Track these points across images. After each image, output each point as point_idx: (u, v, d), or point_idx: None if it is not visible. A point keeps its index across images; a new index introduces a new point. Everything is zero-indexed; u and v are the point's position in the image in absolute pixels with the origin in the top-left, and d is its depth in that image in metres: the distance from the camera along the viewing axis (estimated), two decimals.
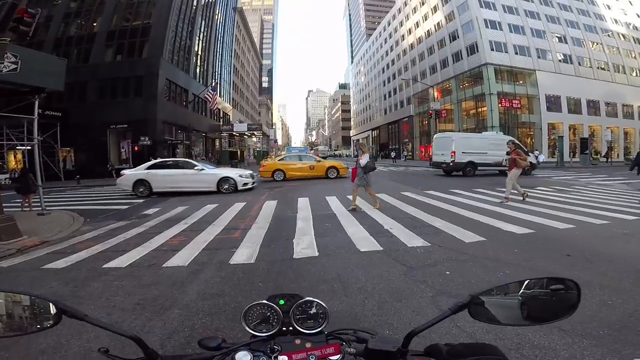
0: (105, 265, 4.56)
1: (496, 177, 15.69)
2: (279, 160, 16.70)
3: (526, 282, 0.78)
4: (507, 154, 9.65)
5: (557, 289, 0.76)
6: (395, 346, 0.74)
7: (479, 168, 17.35)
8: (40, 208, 9.09)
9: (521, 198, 9.09)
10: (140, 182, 12.38)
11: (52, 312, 0.72)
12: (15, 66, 6.20)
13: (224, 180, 12.56)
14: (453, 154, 17.06)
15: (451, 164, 17.27)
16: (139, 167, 13.52)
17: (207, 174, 12.66)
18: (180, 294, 3.53)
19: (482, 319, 0.76)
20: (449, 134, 21.58)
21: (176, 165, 13.45)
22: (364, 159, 8.19)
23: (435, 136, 20.48)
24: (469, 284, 3.60)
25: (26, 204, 10.05)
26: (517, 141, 10.57)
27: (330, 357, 0.77)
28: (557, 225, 6.30)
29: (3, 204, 6.81)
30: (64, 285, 3.88)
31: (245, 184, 12.79)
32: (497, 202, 8.87)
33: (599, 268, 4.01)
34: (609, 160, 30.53)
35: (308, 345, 0.80)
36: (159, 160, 14.57)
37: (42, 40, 25.48)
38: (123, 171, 13.77)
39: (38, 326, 0.73)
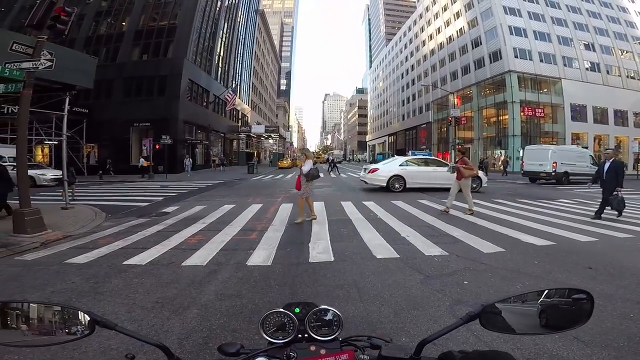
0: (125, 262, 4.66)
1: (528, 188, 15.27)
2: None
3: (534, 293, 0.81)
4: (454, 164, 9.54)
5: (575, 298, 0.79)
6: (407, 354, 0.76)
7: (570, 177, 18.65)
8: (64, 202, 9.43)
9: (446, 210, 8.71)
10: (396, 178, 13.34)
11: (85, 322, 0.77)
12: (51, 63, 6.43)
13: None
14: (555, 164, 18.45)
15: (552, 173, 18.67)
16: (383, 163, 15.27)
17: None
18: (199, 294, 3.58)
19: (494, 329, 0.79)
20: (545, 146, 23.57)
21: (426, 164, 14.64)
22: (307, 166, 7.54)
23: (526, 147, 22.34)
24: (487, 294, 3.55)
25: (69, 194, 10.95)
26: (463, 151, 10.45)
27: None
28: (578, 237, 6.13)
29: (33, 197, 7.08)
30: (85, 281, 3.96)
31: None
32: (514, 212, 8.61)
33: (621, 281, 3.91)
34: (638, 172, 29.30)
35: (322, 352, 0.82)
36: (408, 158, 15.55)
37: (74, 38, 26.46)
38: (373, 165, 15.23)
39: (72, 336, 0.77)
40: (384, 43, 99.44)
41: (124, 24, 29.61)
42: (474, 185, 12.81)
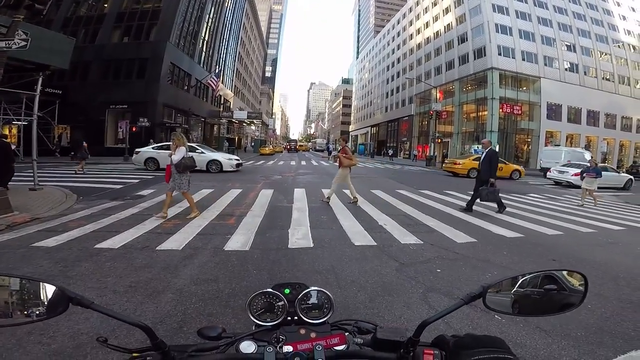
0: (97, 246, 4.51)
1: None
2: (473, 159, 18.56)
3: (533, 274, 0.80)
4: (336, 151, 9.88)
5: (571, 281, 0.80)
6: (403, 336, 0.74)
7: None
8: (32, 183, 9.01)
9: (327, 200, 8.40)
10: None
11: (58, 298, 0.68)
12: (25, 43, 6.14)
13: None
14: (568, 162, 21.11)
15: None
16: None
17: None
18: (174, 278, 3.53)
19: (496, 309, 0.77)
20: (559, 148, 27.11)
21: (607, 169, 16.73)
22: (178, 155, 6.28)
23: (544, 148, 26.91)
24: (458, 282, 3.68)
25: (80, 169, 13.36)
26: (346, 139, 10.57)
27: (336, 347, 0.76)
28: (545, 231, 6.44)
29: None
30: (53, 265, 3.80)
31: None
32: (496, 209, 8.86)
33: None
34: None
35: (313, 335, 0.80)
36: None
37: (51, 19, 25.27)
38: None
39: (44, 314, 0.68)
40: (373, 34, 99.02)
41: (105, 5, 28.46)
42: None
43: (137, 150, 16.35)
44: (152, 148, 16.11)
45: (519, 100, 37.58)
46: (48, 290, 0.69)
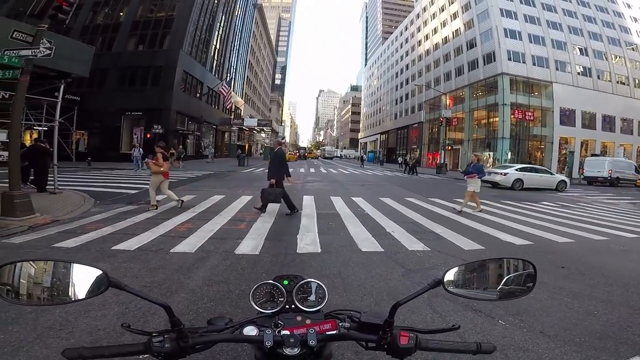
0: (113, 247, 4.71)
1: (517, 192, 15.63)
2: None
3: (494, 262, 0.90)
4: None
5: (521, 268, 0.88)
6: (382, 319, 0.85)
7: (620, 181, 24.42)
8: (53, 187, 9.36)
9: (154, 207, 7.72)
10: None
11: (100, 280, 0.78)
12: (50, 52, 6.46)
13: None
14: (611, 171, 24.06)
15: (608, 177, 24.16)
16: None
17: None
18: (186, 279, 3.67)
19: (456, 294, 0.88)
20: (601, 158, 28.32)
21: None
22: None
23: (587, 159, 28.14)
24: None
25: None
26: (163, 144, 8.68)
27: (328, 332, 0.86)
28: (556, 238, 6.38)
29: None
30: None
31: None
32: (498, 213, 8.85)
33: (591, 280, 4.12)
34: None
35: (308, 321, 0.89)
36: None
37: (70, 27, 26.10)
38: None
39: (88, 294, 0.78)
40: (380, 41, 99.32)
41: (121, 14, 29.38)
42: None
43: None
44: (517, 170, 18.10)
45: (530, 106, 37.03)
46: (92, 274, 0.79)
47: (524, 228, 7.19)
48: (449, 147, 37.13)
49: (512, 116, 35.90)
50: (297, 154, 58.23)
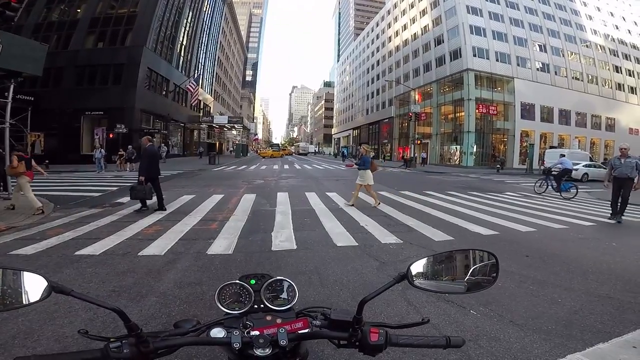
0: (77, 253, 4.47)
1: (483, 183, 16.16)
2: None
3: (460, 252, 0.90)
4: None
5: (485, 259, 0.89)
6: (351, 316, 0.83)
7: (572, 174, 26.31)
8: (6, 192, 8.74)
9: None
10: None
11: (41, 286, 0.72)
12: None
13: None
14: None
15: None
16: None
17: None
18: (157, 282, 3.54)
19: (421, 287, 0.86)
20: (559, 150, 29.13)
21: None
22: None
23: (547, 151, 29.37)
24: None
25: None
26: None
27: (299, 331, 0.84)
28: (519, 228, 6.68)
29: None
30: None
31: None
32: (465, 204, 9.18)
33: (553, 268, 4.33)
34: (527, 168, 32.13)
35: (279, 321, 0.86)
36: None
37: (22, 24, 24.47)
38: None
39: (28, 301, 0.72)
40: (353, 37, 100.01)
41: (78, 11, 27.83)
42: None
43: None
44: None
45: (494, 101, 38.63)
46: (32, 280, 0.73)
47: (490, 218, 7.49)
48: (419, 141, 38.07)
49: (477, 111, 37.31)
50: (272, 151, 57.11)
